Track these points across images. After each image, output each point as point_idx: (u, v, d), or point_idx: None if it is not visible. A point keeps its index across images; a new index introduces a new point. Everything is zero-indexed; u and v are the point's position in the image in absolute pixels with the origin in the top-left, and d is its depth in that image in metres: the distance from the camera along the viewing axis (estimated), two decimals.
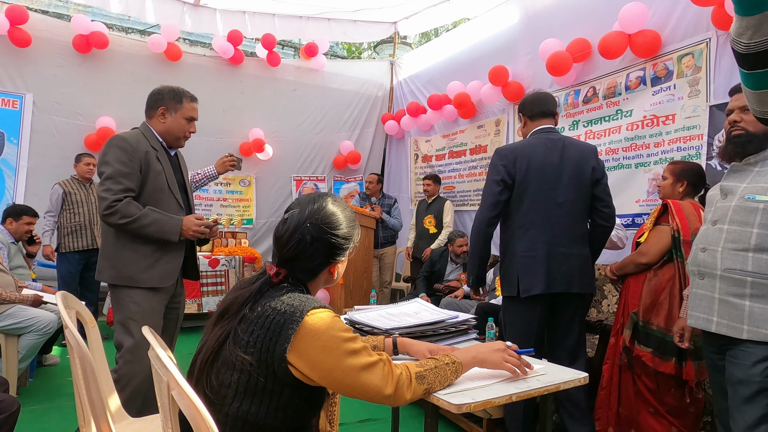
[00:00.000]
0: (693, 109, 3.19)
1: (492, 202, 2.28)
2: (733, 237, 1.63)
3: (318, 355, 1.03)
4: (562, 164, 2.28)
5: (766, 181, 1.60)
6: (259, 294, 1.12)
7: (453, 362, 1.22)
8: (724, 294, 1.64)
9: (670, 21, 3.33)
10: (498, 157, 2.32)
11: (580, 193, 2.31)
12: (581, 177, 2.30)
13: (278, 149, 6.09)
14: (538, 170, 2.27)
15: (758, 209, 1.59)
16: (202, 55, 5.79)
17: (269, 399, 1.05)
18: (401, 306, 1.80)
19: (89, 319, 1.70)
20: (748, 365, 1.56)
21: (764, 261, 1.56)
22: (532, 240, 2.26)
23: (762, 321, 1.55)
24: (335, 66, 6.58)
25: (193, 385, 1.10)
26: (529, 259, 2.25)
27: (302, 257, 1.14)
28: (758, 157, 1.66)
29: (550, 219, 2.26)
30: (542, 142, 2.32)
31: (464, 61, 5.31)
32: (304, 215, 1.15)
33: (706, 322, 1.69)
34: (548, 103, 2.40)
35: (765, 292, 1.55)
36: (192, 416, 0.90)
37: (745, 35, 0.83)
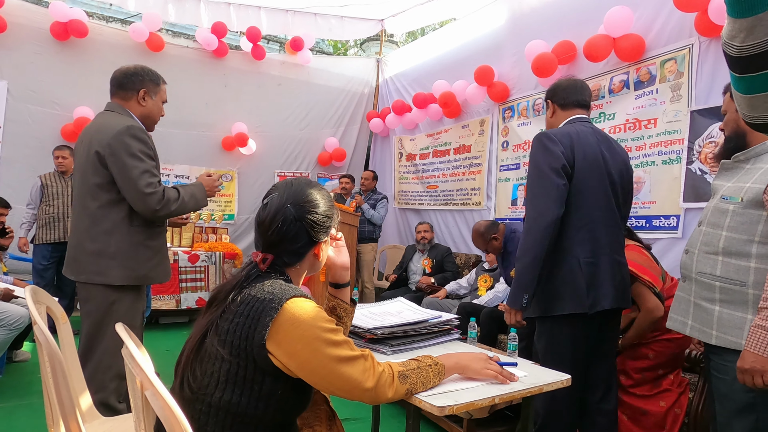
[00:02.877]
0: (674, 114, 3.23)
1: (557, 195, 1.84)
2: (707, 239, 1.60)
3: (296, 344, 1.01)
4: (614, 160, 1.99)
5: (747, 180, 1.54)
6: (246, 281, 1.11)
7: (436, 364, 1.21)
8: (697, 298, 1.61)
9: (654, 26, 3.37)
10: (550, 141, 1.90)
11: (625, 196, 2.05)
12: (627, 179, 2.06)
13: (262, 144, 6.02)
14: (594, 161, 1.92)
15: (729, 211, 1.54)
16: (185, 46, 5.69)
17: (250, 388, 1.02)
18: (384, 305, 1.79)
19: (60, 315, 1.64)
20: (730, 380, 1.51)
21: (732, 266, 1.51)
22: (594, 244, 1.90)
23: (729, 327, 1.51)
24: (321, 62, 6.53)
25: (177, 378, 1.08)
26: (594, 267, 1.88)
27: (287, 239, 1.14)
28: (748, 155, 1.60)
29: (608, 221, 1.94)
30: (589, 131, 1.98)
31: (450, 60, 5.31)
32: (284, 198, 1.16)
33: (682, 324, 1.67)
34: (584, 92, 2.08)
35: (732, 298, 1.51)
36: (166, 418, 0.87)
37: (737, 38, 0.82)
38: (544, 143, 1.90)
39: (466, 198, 5.12)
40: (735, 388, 1.49)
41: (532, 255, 1.85)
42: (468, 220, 5.08)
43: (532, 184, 1.93)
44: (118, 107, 2.13)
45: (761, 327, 1.38)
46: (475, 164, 5.01)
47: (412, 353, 1.46)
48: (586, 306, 1.85)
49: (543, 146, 1.90)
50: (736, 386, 1.48)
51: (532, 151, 1.94)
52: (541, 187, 1.88)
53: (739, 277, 1.50)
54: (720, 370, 1.55)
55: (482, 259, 4.44)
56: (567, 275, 1.88)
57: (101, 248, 2.00)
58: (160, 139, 3.44)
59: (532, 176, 1.93)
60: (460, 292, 4.31)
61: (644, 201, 3.41)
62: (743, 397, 1.48)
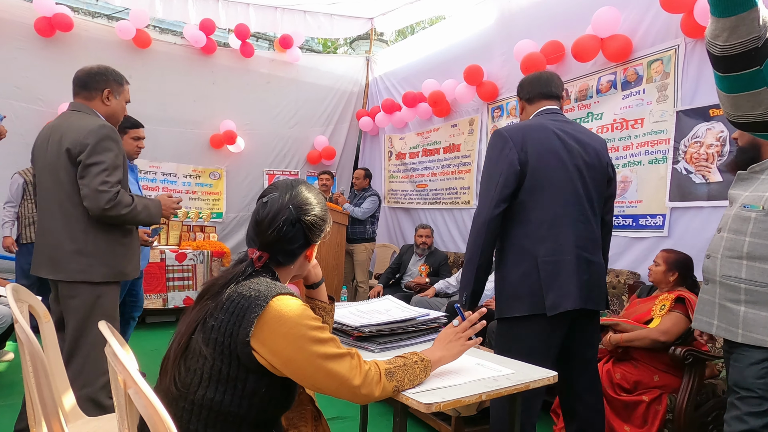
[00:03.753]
0: (661, 114, 3.27)
1: (496, 195, 1.81)
2: (730, 245, 1.69)
3: (281, 342, 1.00)
4: (582, 151, 1.90)
5: (765, 190, 1.64)
6: (243, 277, 1.11)
7: (422, 360, 1.21)
8: (722, 299, 1.69)
9: (641, 27, 3.40)
10: (501, 139, 1.86)
11: (599, 188, 1.95)
12: (600, 169, 1.96)
13: (250, 142, 5.98)
14: (555, 155, 1.85)
15: (751, 218, 1.64)
16: (173, 43, 5.63)
17: (233, 386, 1.02)
18: (372, 303, 1.78)
19: (43, 314, 1.62)
20: (743, 367, 1.62)
21: (756, 269, 1.61)
22: (556, 241, 1.82)
23: (754, 326, 1.60)
24: (310, 60, 6.49)
25: (166, 376, 1.06)
26: (554, 265, 1.80)
27: (284, 239, 1.15)
28: (763, 166, 1.70)
29: (574, 216, 1.85)
30: (554, 123, 1.92)
31: (440, 59, 5.31)
32: (285, 198, 1.16)
33: (708, 325, 1.75)
34: (551, 84, 2.01)
35: (758, 299, 1.60)
36: (149, 416, 0.86)
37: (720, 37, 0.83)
38: (495, 141, 1.89)
39: (455, 197, 5.13)
40: (747, 374, 1.61)
41: (469, 255, 1.86)
42: (457, 219, 5.09)
43: (481, 182, 1.94)
44: (83, 107, 2.13)
45: None
46: (465, 163, 5.03)
47: (400, 351, 1.46)
48: (543, 307, 1.78)
49: (493, 144, 1.90)
50: (748, 372, 1.60)
51: (487, 149, 1.94)
52: (485, 186, 1.88)
53: (764, 279, 1.60)
54: (737, 359, 1.66)
55: None
56: (524, 276, 1.82)
57: (80, 247, 2.03)
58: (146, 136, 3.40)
59: (482, 174, 1.95)
60: (448, 290, 4.32)
61: (631, 200, 3.44)
62: (752, 383, 1.59)
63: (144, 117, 5.19)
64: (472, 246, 1.85)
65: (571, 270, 1.80)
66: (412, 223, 5.70)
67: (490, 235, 1.82)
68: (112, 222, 2.06)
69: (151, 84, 5.36)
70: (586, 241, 1.87)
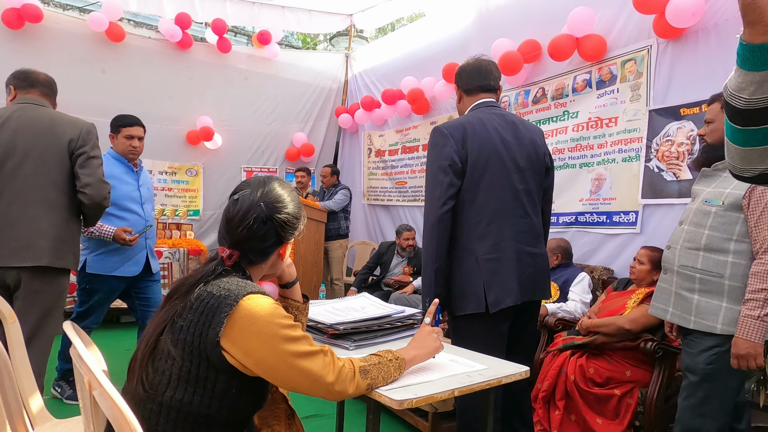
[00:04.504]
0: (634, 113, 3.33)
1: (441, 194, 1.80)
2: (690, 237, 1.79)
3: (252, 342, 0.99)
4: (519, 144, 1.90)
5: (727, 186, 1.73)
6: (212, 276, 1.09)
7: (396, 358, 1.21)
8: (678, 288, 1.80)
9: (615, 27, 3.45)
10: (441, 136, 1.84)
11: (537, 179, 1.96)
12: (537, 161, 1.96)
13: (228, 138, 5.90)
14: (493, 151, 1.84)
15: (711, 212, 1.74)
16: (147, 37, 5.51)
17: (203, 387, 1.00)
18: (348, 300, 1.78)
19: (8, 314, 1.57)
20: (695, 353, 1.73)
21: (712, 260, 1.72)
22: (495, 238, 1.83)
23: (706, 313, 1.71)
24: (289, 56, 6.43)
25: (133, 377, 1.04)
26: (494, 262, 1.82)
27: (256, 237, 1.13)
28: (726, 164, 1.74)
29: (513, 211, 1.86)
30: (491, 117, 1.90)
31: (419, 57, 5.32)
32: (256, 196, 1.14)
33: (663, 312, 1.87)
34: (489, 76, 1.98)
35: (710, 288, 1.72)
36: (114, 418, 0.84)
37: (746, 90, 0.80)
38: (435, 139, 1.87)
39: None
40: (698, 360, 1.71)
41: (425, 258, 1.84)
42: None
43: (425, 183, 1.91)
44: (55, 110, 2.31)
45: (750, 316, 1.60)
46: None
47: (375, 348, 1.46)
48: (484, 306, 1.80)
49: (434, 142, 1.87)
50: (699, 359, 1.71)
51: (428, 147, 1.91)
52: (431, 185, 1.86)
53: (717, 270, 1.71)
54: (691, 346, 1.77)
55: None
56: (466, 274, 1.84)
57: (62, 235, 2.15)
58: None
59: (426, 171, 1.92)
60: None
61: (605, 197, 3.50)
62: (701, 369, 1.71)
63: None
64: (427, 250, 1.83)
65: (511, 266, 1.83)
66: (391, 220, 5.71)
67: (442, 235, 1.80)
68: (97, 213, 2.25)
69: (126, 79, 5.25)
70: (526, 235, 1.89)
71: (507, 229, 1.85)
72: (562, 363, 2.57)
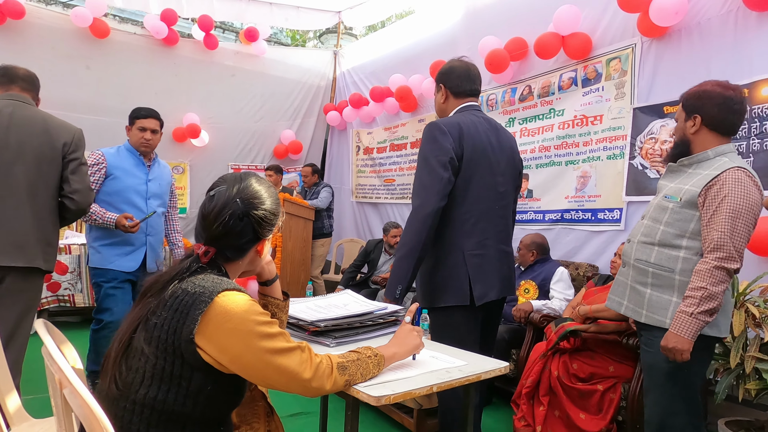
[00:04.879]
0: (618, 111, 3.36)
1: (440, 188, 1.82)
2: (647, 231, 1.81)
3: (228, 339, 0.98)
4: (501, 148, 1.98)
5: (687, 183, 1.74)
6: (187, 273, 1.07)
7: (375, 355, 1.21)
8: (633, 281, 1.82)
9: (600, 25, 3.47)
10: (440, 132, 1.87)
11: (513, 183, 2.06)
12: (514, 165, 2.06)
13: (215, 136, 5.86)
14: (482, 152, 1.91)
15: (668, 208, 1.75)
16: (133, 33, 5.45)
17: (177, 385, 0.99)
18: (330, 298, 1.77)
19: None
20: (654, 352, 1.73)
21: (664, 254, 1.73)
22: (481, 236, 1.90)
23: (657, 308, 1.73)
24: (276, 53, 6.40)
25: (106, 376, 1.03)
26: (479, 258, 1.89)
27: (232, 234, 1.12)
28: (692, 160, 1.79)
29: (495, 211, 1.95)
30: (480, 121, 1.97)
31: (407, 54, 5.31)
32: (232, 192, 1.13)
33: (618, 305, 1.88)
34: (477, 80, 2.06)
35: (662, 282, 1.73)
36: (85, 416, 0.83)
37: None
38: (435, 134, 1.88)
39: None
40: (658, 359, 1.72)
41: (409, 247, 1.84)
42: None
43: (419, 174, 1.90)
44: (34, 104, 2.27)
45: (684, 312, 1.62)
46: None
47: (356, 345, 1.45)
48: (469, 298, 1.86)
49: (433, 137, 1.88)
50: (659, 357, 1.71)
51: (423, 141, 1.91)
52: (427, 179, 1.86)
53: (669, 265, 1.72)
54: (648, 344, 1.78)
55: None
56: (452, 268, 1.88)
57: (48, 238, 2.17)
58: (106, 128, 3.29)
59: (420, 167, 1.91)
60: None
61: (590, 195, 3.52)
62: (664, 366, 1.71)
63: (103, 109, 5.08)
64: (414, 238, 1.83)
65: (494, 263, 1.93)
66: (379, 218, 5.70)
67: (432, 228, 1.83)
68: (76, 218, 2.32)
69: (111, 75, 5.19)
70: (504, 235, 2.00)
71: (491, 228, 1.93)
72: (547, 359, 2.58)
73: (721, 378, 2.04)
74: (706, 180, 1.67)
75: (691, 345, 1.61)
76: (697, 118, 1.75)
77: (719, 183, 1.64)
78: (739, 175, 1.63)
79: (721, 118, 1.73)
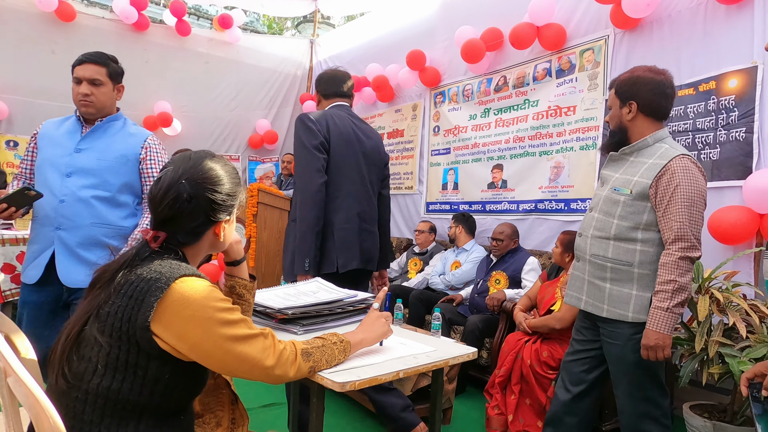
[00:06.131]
0: (591, 102, 3.39)
1: (318, 166, 2.10)
2: (600, 225, 1.81)
3: (185, 326, 0.95)
4: (367, 140, 2.29)
5: (634, 174, 1.75)
6: (135, 260, 1.03)
7: (341, 341, 1.19)
8: (591, 276, 1.82)
9: (574, 16, 3.49)
10: (309, 121, 2.15)
11: (377, 172, 2.36)
12: (379, 157, 2.37)
13: (188, 125, 5.73)
14: (349, 141, 2.21)
15: (620, 201, 1.76)
16: (101, 17, 5.28)
17: (133, 374, 0.95)
18: (299, 286, 1.75)
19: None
20: (620, 344, 1.75)
21: (622, 249, 1.74)
22: (347, 212, 2.19)
23: (618, 302, 1.74)
24: (251, 40, 6.27)
25: (52, 372, 0.98)
26: (345, 232, 2.17)
27: (180, 217, 1.07)
28: (633, 148, 1.80)
29: (359, 193, 2.24)
30: (347, 116, 2.28)
31: (384, 44, 5.27)
32: (178, 173, 1.07)
33: (577, 300, 1.89)
34: (344, 84, 2.34)
35: (621, 277, 1.74)
36: (30, 406, 0.80)
37: None
38: (306, 123, 2.16)
39: (399, 182, 5.14)
40: (625, 351, 1.74)
41: (307, 222, 2.07)
42: (400, 204, 5.11)
43: (299, 158, 2.17)
44: None
45: (659, 308, 1.62)
46: (408, 149, 5.04)
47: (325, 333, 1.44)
48: (336, 267, 2.12)
49: (304, 126, 2.15)
50: (626, 349, 1.73)
51: (296, 131, 2.18)
52: (305, 161, 2.12)
53: (627, 259, 1.73)
54: (612, 336, 1.79)
55: (413, 243, 4.49)
56: (324, 241, 2.14)
57: None
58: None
59: (298, 151, 2.17)
60: (390, 275, 4.34)
61: (563, 185, 3.56)
62: (631, 357, 1.73)
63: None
64: (309, 214, 2.07)
65: (355, 238, 2.20)
66: None
67: (322, 202, 2.10)
68: None
69: None
70: (366, 215, 2.27)
71: (355, 206, 2.21)
72: (519, 348, 2.61)
73: (685, 362, 2.08)
74: (655, 170, 1.69)
75: (671, 339, 1.63)
76: (633, 105, 1.78)
77: (669, 172, 1.66)
78: (686, 164, 1.66)
79: (656, 103, 1.76)
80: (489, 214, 4.09)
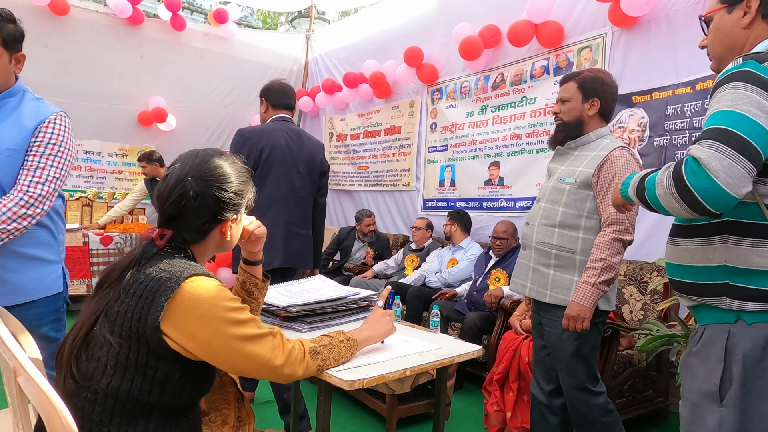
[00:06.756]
0: None
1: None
2: (546, 214, 1.88)
3: (196, 325, 0.95)
4: (300, 152, 2.50)
5: (579, 165, 1.83)
6: (141, 259, 1.03)
7: (348, 339, 1.20)
8: (536, 263, 1.90)
9: (572, 14, 3.50)
10: (241, 137, 2.41)
11: (312, 180, 2.57)
12: (313, 167, 2.57)
13: (182, 120, 5.69)
14: (280, 154, 2.43)
15: (565, 190, 1.84)
16: (95, 11, 5.22)
17: (143, 373, 0.95)
18: (302, 283, 1.75)
19: None
20: (559, 332, 1.83)
21: (565, 236, 1.82)
22: (273, 218, 2.38)
23: (560, 288, 1.82)
24: (247, 36, 6.24)
25: (60, 372, 0.97)
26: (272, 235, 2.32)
27: (186, 214, 1.06)
28: (578, 142, 1.90)
29: (288, 201, 2.46)
30: (284, 128, 2.49)
31: (381, 40, 5.26)
32: (185, 170, 1.07)
33: (522, 287, 1.96)
34: (291, 97, 2.59)
35: (564, 263, 1.83)
36: (42, 405, 0.79)
37: None
38: (236, 138, 2.44)
39: (396, 179, 5.14)
40: (564, 338, 1.82)
41: None
42: (398, 201, 5.12)
43: None
44: None
45: (586, 282, 1.72)
46: (405, 145, 5.04)
47: (329, 330, 1.44)
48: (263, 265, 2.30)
49: (235, 140, 2.43)
50: (564, 337, 1.81)
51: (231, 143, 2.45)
52: None
53: (570, 246, 1.82)
54: (551, 324, 1.87)
55: (410, 240, 4.50)
56: None
57: None
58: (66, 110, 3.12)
59: None
60: (387, 271, 4.35)
61: None
62: (570, 345, 1.81)
63: (62, 90, 4.86)
64: None
65: (281, 240, 2.41)
66: (353, 205, 5.67)
67: None
68: None
69: (71, 55, 4.96)
70: (296, 219, 2.49)
71: (283, 213, 2.44)
72: (517, 346, 2.62)
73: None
74: (597, 161, 1.79)
75: (591, 313, 1.72)
76: (596, 102, 1.87)
77: (609, 162, 1.77)
78: (624, 154, 1.79)
79: (611, 106, 1.91)
80: (486, 211, 4.11)
